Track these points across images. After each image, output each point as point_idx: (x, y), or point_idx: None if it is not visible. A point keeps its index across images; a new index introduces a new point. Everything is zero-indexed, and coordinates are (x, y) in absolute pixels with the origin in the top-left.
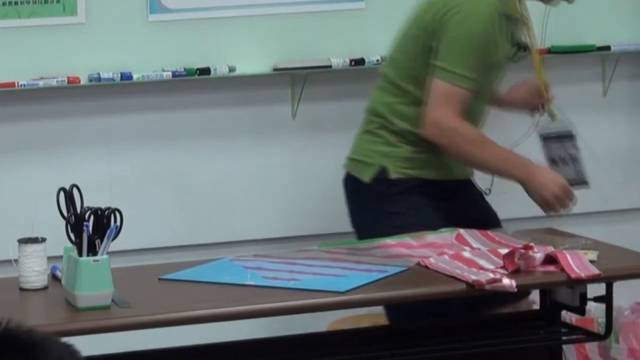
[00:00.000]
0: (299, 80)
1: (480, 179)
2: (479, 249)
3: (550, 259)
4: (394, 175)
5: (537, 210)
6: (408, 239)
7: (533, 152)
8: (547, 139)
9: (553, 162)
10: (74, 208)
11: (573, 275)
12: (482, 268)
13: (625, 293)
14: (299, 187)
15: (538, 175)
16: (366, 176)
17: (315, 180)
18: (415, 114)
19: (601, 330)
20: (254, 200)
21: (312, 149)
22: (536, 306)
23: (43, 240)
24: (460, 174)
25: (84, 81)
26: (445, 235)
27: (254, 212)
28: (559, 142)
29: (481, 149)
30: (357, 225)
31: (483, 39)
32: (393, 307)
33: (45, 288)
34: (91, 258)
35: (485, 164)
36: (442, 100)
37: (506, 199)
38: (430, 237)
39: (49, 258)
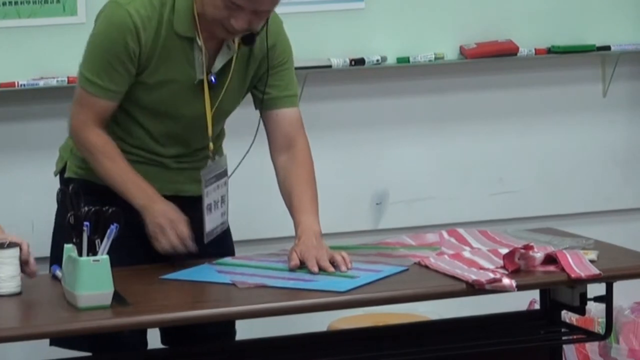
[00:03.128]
0: (299, 80)
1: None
2: (479, 248)
3: (550, 259)
4: (67, 173)
5: (537, 210)
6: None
7: None
8: (208, 184)
9: (208, 209)
10: (74, 208)
11: (573, 275)
12: (482, 268)
13: (625, 293)
14: None
15: (155, 207)
16: (55, 169)
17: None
18: None
19: (601, 330)
20: (253, 200)
21: (312, 149)
22: (536, 306)
23: (16, 245)
24: (157, 187)
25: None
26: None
27: (253, 212)
28: (216, 184)
29: (110, 162)
30: None
31: (107, 46)
32: None
33: (19, 293)
34: (91, 258)
35: (109, 179)
36: (76, 103)
37: (506, 199)
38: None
39: (49, 258)
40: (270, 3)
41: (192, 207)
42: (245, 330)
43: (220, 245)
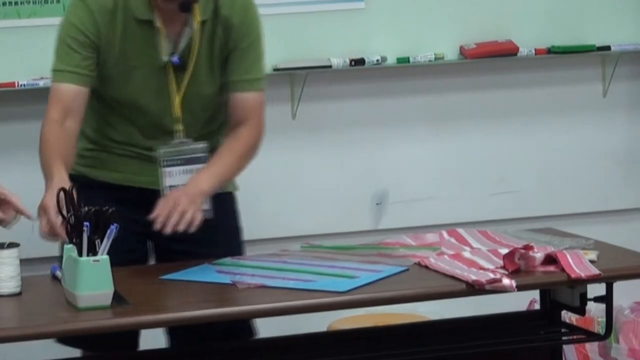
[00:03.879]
0: (299, 80)
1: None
2: (479, 249)
3: (550, 259)
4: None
5: (537, 211)
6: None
7: None
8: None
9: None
10: (74, 208)
11: (573, 275)
12: (482, 268)
13: (625, 293)
14: (299, 186)
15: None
16: None
17: (315, 180)
18: (94, 108)
19: (601, 330)
20: (253, 200)
21: (312, 149)
22: (536, 306)
23: (16, 245)
24: (148, 181)
25: None
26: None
27: (253, 212)
28: (182, 167)
29: (42, 147)
30: None
31: (66, 32)
32: None
33: (19, 293)
34: (91, 258)
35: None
36: (48, 104)
37: (506, 199)
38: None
39: (49, 258)
40: None
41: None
42: None
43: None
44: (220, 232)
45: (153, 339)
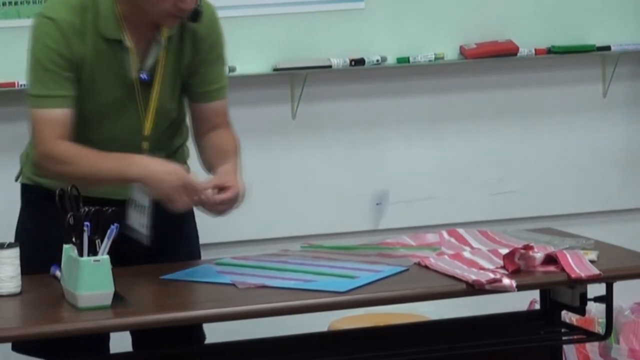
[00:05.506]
0: (299, 80)
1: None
2: (479, 249)
3: (550, 259)
4: (22, 179)
5: (537, 211)
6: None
7: None
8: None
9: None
10: (74, 208)
11: (573, 275)
12: (482, 268)
13: (625, 293)
14: (298, 187)
15: (155, 167)
16: (16, 176)
17: (315, 180)
18: None
19: (601, 330)
20: (253, 200)
21: (312, 149)
22: (536, 306)
23: (16, 245)
24: (114, 193)
25: None
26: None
27: (253, 212)
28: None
29: (85, 159)
30: None
31: (43, 56)
32: None
33: (19, 293)
34: (92, 258)
35: (94, 174)
36: (35, 130)
37: (506, 199)
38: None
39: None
40: None
41: None
42: (245, 331)
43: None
44: (182, 237)
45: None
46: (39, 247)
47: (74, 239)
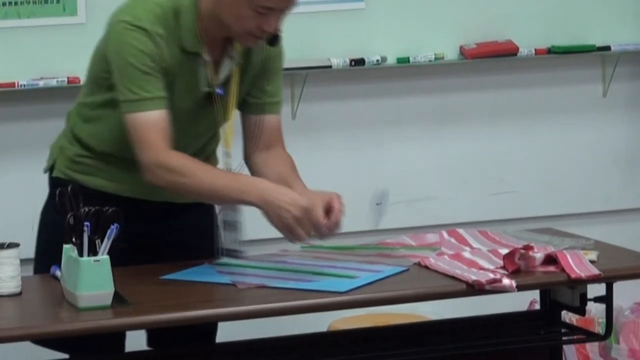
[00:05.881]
0: (299, 80)
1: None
2: (479, 249)
3: (550, 259)
4: (55, 172)
5: (537, 211)
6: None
7: None
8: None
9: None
10: (74, 208)
11: (573, 276)
12: (482, 268)
13: (625, 293)
14: None
15: (276, 196)
16: (45, 167)
17: (315, 180)
18: (108, 119)
19: (601, 330)
20: None
21: (312, 149)
22: (536, 306)
23: (16, 245)
24: (142, 192)
25: (83, 81)
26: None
27: (253, 212)
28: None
29: (205, 174)
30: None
31: (135, 60)
32: None
33: (19, 293)
34: (92, 258)
35: (210, 192)
36: (137, 137)
37: (506, 199)
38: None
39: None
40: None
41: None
42: (245, 331)
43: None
44: (206, 238)
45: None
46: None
47: (74, 239)
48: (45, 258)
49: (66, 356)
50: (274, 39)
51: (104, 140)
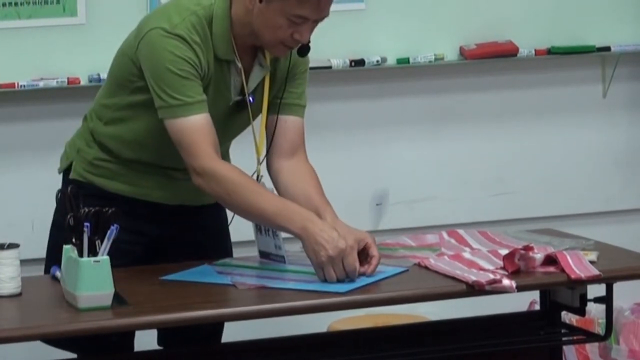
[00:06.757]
0: None
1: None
2: (478, 249)
3: (550, 260)
4: (73, 174)
5: (537, 211)
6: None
7: None
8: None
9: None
10: (74, 209)
11: (573, 276)
12: (482, 269)
13: (625, 294)
14: None
15: (317, 231)
16: (60, 167)
17: None
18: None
19: (601, 331)
20: None
21: (313, 149)
22: (536, 307)
23: (16, 245)
24: (163, 196)
25: (84, 81)
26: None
27: None
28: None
29: (256, 195)
30: None
31: (174, 66)
32: None
33: (19, 294)
34: (92, 259)
35: (256, 211)
36: (184, 144)
37: (506, 199)
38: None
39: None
40: (329, 9)
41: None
42: (245, 331)
43: (218, 248)
44: (220, 238)
45: (153, 339)
46: None
47: (74, 240)
48: (59, 257)
49: (74, 355)
50: (303, 49)
51: (126, 143)
